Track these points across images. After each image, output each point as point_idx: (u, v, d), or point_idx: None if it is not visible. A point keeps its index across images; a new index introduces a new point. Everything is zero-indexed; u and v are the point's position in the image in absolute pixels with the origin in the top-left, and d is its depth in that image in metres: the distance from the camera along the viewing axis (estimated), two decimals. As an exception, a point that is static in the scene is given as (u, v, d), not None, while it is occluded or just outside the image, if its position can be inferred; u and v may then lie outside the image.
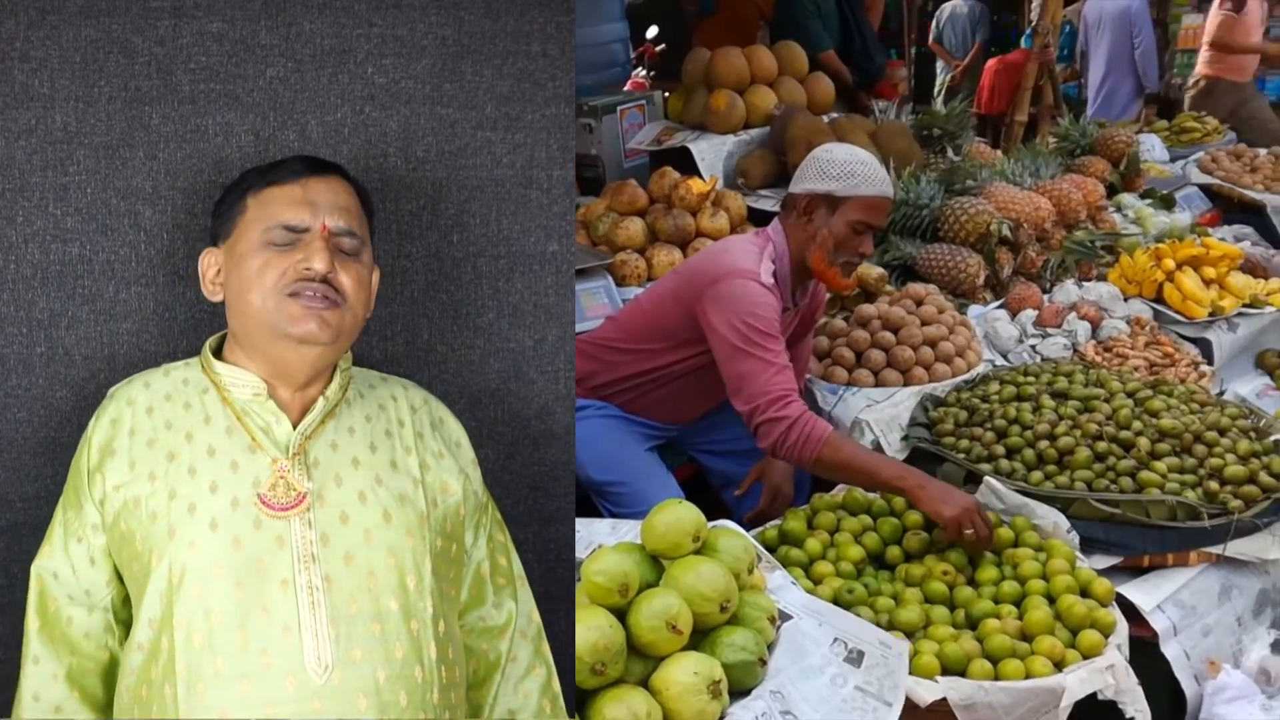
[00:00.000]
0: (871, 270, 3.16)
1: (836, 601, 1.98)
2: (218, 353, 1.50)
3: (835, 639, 1.75)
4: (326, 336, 1.40)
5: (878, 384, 2.84)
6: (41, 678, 1.43)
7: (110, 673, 1.46)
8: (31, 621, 1.45)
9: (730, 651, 1.61)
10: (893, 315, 2.94)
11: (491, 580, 1.59)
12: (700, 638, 1.64)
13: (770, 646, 1.70)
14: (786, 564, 2.08)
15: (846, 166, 2.35)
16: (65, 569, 1.44)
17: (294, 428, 1.43)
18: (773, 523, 2.30)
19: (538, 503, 1.79)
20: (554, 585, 1.78)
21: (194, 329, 1.65)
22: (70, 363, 1.63)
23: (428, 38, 1.69)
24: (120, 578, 1.45)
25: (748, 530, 2.07)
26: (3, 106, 1.60)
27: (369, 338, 1.71)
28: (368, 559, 1.39)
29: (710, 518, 1.89)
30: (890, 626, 1.94)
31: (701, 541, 1.75)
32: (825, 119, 4.14)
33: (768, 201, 3.80)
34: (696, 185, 3.56)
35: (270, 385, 1.45)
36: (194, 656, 1.32)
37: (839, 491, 2.38)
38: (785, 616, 1.79)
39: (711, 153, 3.99)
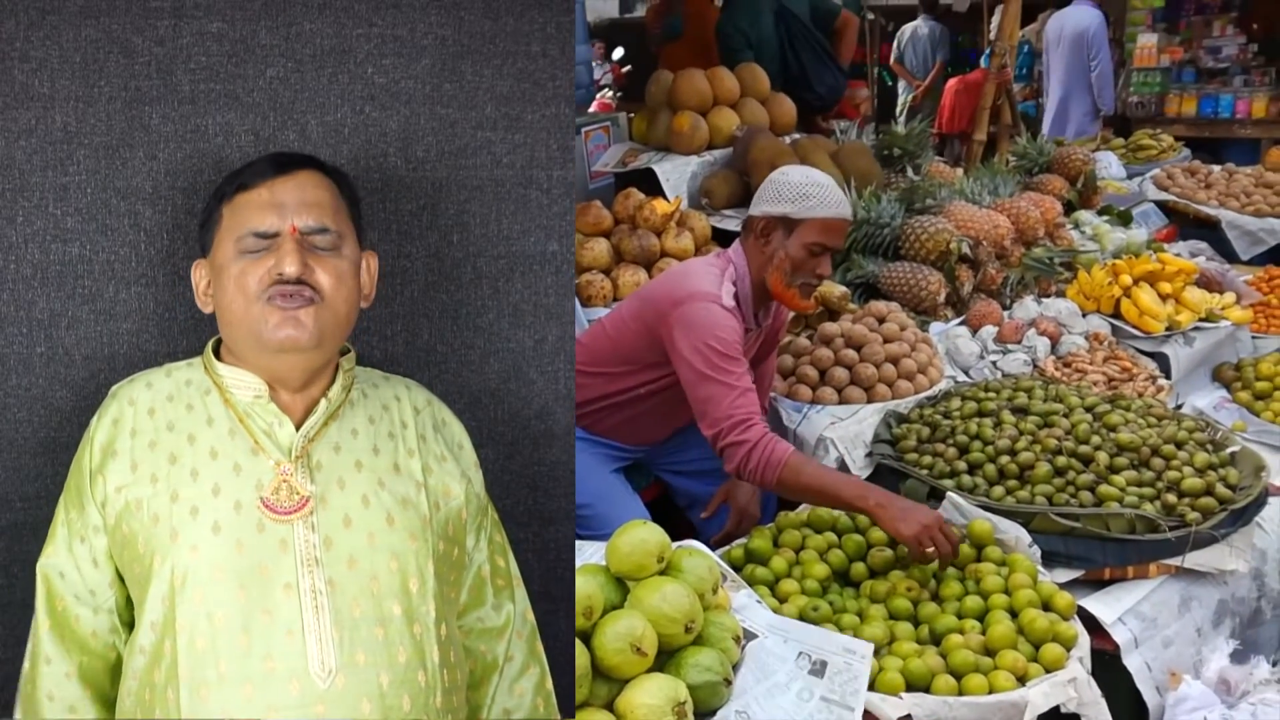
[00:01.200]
0: (834, 289, 3.19)
1: (802, 619, 1.99)
2: (219, 353, 1.50)
3: (800, 653, 1.76)
4: (306, 339, 1.40)
5: (841, 401, 2.86)
6: (55, 678, 1.44)
7: (117, 672, 1.47)
8: (42, 621, 1.45)
9: (695, 672, 1.61)
10: (855, 333, 2.96)
11: (491, 582, 1.60)
12: (665, 659, 1.64)
13: (735, 666, 1.71)
14: (752, 583, 2.08)
15: (802, 189, 2.36)
16: (70, 568, 1.44)
17: (296, 429, 1.44)
18: (738, 541, 2.31)
19: (538, 503, 1.80)
20: (554, 585, 1.79)
21: (194, 329, 1.66)
22: (70, 363, 1.64)
23: (428, 38, 1.70)
24: (123, 579, 1.45)
25: (714, 550, 2.08)
26: (3, 106, 1.61)
27: (369, 338, 1.72)
28: (371, 563, 1.39)
29: (677, 538, 1.89)
30: (855, 644, 1.95)
31: (666, 562, 1.75)
32: (787, 139, 4.18)
33: (732, 222, 3.83)
34: (661, 206, 3.59)
35: (271, 387, 1.45)
36: (197, 660, 1.33)
37: (804, 509, 2.39)
38: (750, 635, 1.80)
39: (675, 174, 4.02)
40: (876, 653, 1.94)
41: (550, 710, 1.61)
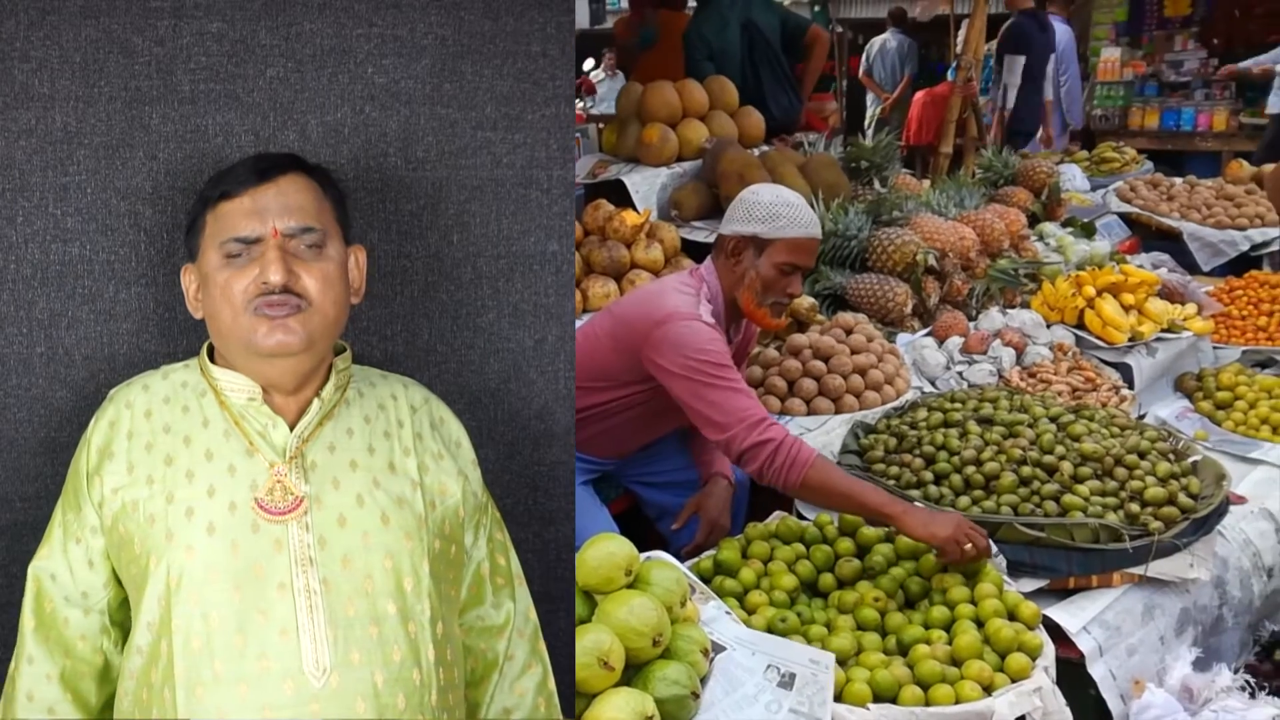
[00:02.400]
0: (802, 300, 3.20)
1: (770, 630, 1.99)
2: (214, 355, 1.50)
3: (768, 666, 1.76)
4: (296, 344, 1.40)
5: (810, 412, 2.87)
6: (35, 678, 1.44)
7: (105, 676, 1.47)
8: (27, 621, 1.45)
9: (663, 686, 1.61)
10: (823, 344, 2.98)
11: (491, 580, 1.59)
12: (633, 673, 1.64)
13: (704, 679, 1.71)
14: (721, 594, 2.08)
15: (772, 209, 2.37)
16: (63, 571, 1.45)
17: (291, 430, 1.44)
18: (707, 553, 2.31)
19: (538, 503, 1.80)
20: (554, 585, 1.79)
21: (194, 329, 1.64)
22: (70, 363, 1.64)
23: (428, 38, 1.70)
24: (118, 580, 1.45)
25: (683, 562, 2.08)
26: (3, 106, 1.60)
27: (369, 337, 1.72)
28: (365, 562, 1.39)
29: (647, 550, 1.89)
30: (823, 655, 1.95)
31: (634, 575, 1.75)
32: (756, 152, 4.20)
33: (701, 233, 3.84)
34: (630, 217, 3.59)
35: (265, 390, 1.45)
36: (192, 660, 1.33)
37: (773, 520, 2.39)
38: (719, 648, 1.80)
39: (645, 185, 4.03)
40: (844, 663, 1.94)
41: (552, 710, 1.61)
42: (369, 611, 1.37)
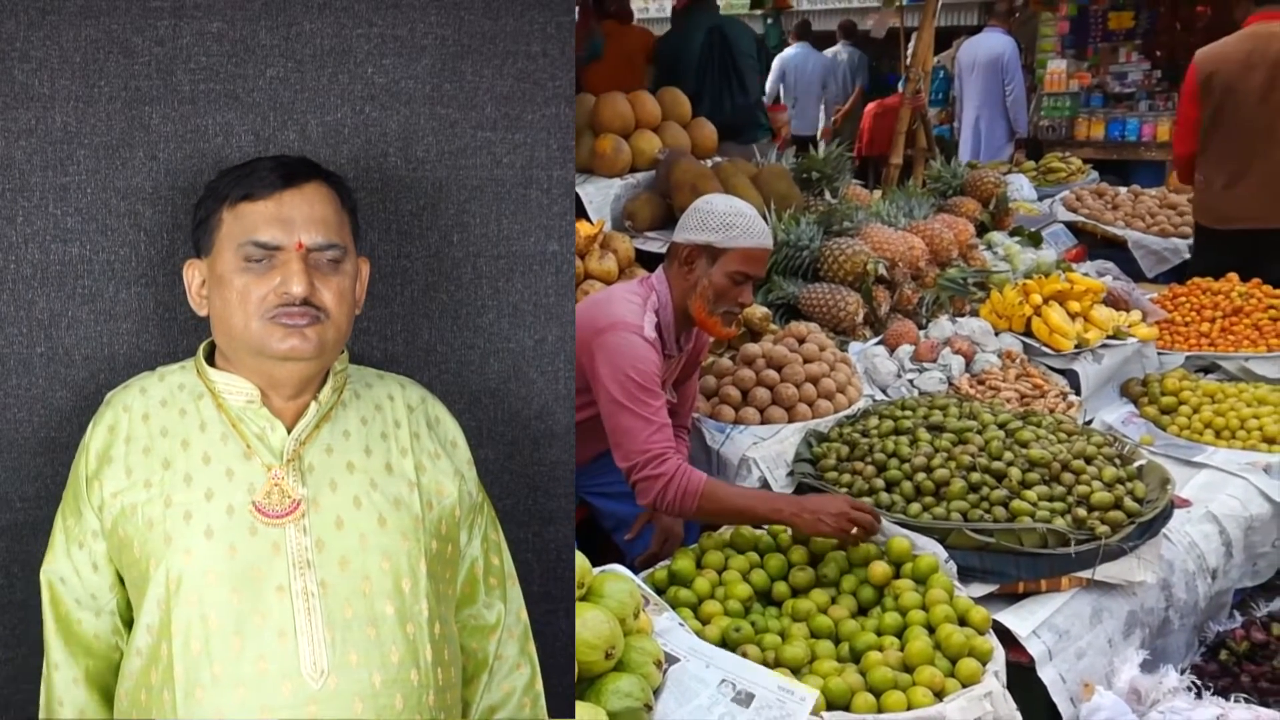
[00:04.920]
0: (755, 310, 3.22)
1: (724, 640, 1.99)
2: (211, 358, 1.49)
3: (723, 680, 1.75)
4: (310, 351, 1.40)
5: (764, 421, 2.88)
6: (64, 683, 1.46)
7: None
8: (49, 627, 1.47)
9: (616, 699, 1.60)
10: (776, 354, 2.99)
11: (484, 580, 1.60)
12: (586, 686, 1.63)
13: (657, 691, 1.70)
14: (675, 605, 2.08)
15: (726, 218, 2.39)
16: (70, 574, 1.46)
17: (288, 433, 1.43)
18: (662, 563, 2.31)
19: (538, 503, 1.80)
20: (554, 585, 1.79)
21: (194, 329, 1.64)
22: (70, 363, 1.63)
23: (428, 38, 1.70)
24: (123, 582, 1.46)
25: (639, 571, 2.07)
26: (3, 106, 1.60)
27: (369, 338, 1.72)
28: (363, 564, 1.40)
29: (603, 560, 1.88)
30: (777, 663, 1.96)
31: (586, 588, 1.74)
32: (709, 163, 4.22)
33: (655, 243, 3.85)
34: (584, 228, 3.59)
35: (263, 392, 1.45)
36: (191, 663, 1.34)
37: (727, 530, 2.39)
38: (672, 659, 1.79)
39: (599, 196, 4.03)
40: (797, 672, 1.95)
41: (538, 711, 1.61)
42: (367, 613, 1.38)
